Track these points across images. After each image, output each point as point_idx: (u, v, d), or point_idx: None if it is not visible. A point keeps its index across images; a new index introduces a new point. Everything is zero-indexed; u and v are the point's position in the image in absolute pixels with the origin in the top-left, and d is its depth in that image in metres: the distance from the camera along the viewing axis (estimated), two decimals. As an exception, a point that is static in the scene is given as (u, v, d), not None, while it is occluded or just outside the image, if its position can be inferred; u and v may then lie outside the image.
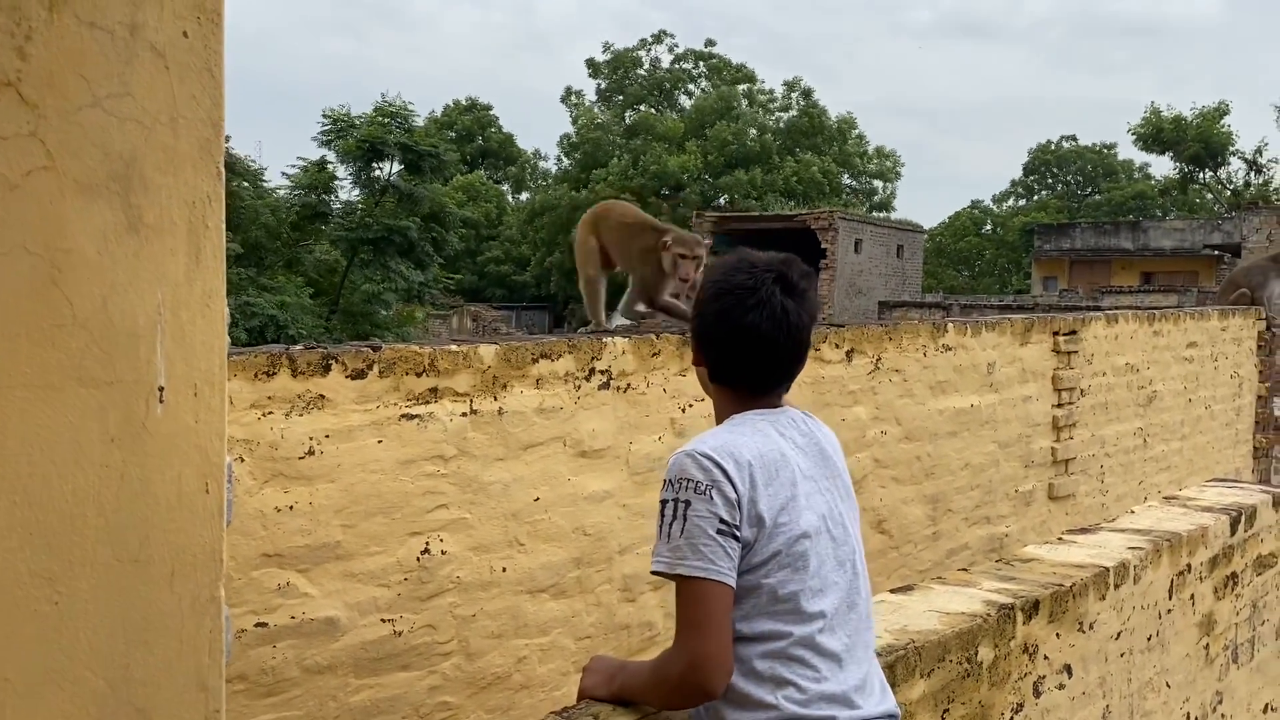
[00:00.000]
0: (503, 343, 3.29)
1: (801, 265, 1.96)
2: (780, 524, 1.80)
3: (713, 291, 1.95)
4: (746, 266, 1.93)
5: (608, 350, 3.54)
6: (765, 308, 1.85)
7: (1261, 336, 8.08)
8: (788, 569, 1.81)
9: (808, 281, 1.94)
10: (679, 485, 1.77)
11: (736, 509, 1.75)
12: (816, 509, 1.86)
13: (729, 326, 1.87)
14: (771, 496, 1.80)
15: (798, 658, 1.78)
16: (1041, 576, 2.78)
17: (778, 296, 1.86)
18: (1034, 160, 53.19)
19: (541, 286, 38.88)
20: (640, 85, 38.45)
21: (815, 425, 2.01)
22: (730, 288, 1.90)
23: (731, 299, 1.88)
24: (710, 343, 1.94)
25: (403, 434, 3.03)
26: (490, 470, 3.24)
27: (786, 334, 1.86)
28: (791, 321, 1.87)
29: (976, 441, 5.17)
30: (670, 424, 3.72)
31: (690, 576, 1.72)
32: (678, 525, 1.75)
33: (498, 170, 47.15)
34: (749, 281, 1.88)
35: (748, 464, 1.77)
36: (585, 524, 3.49)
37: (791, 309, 1.87)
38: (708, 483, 1.75)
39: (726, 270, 1.97)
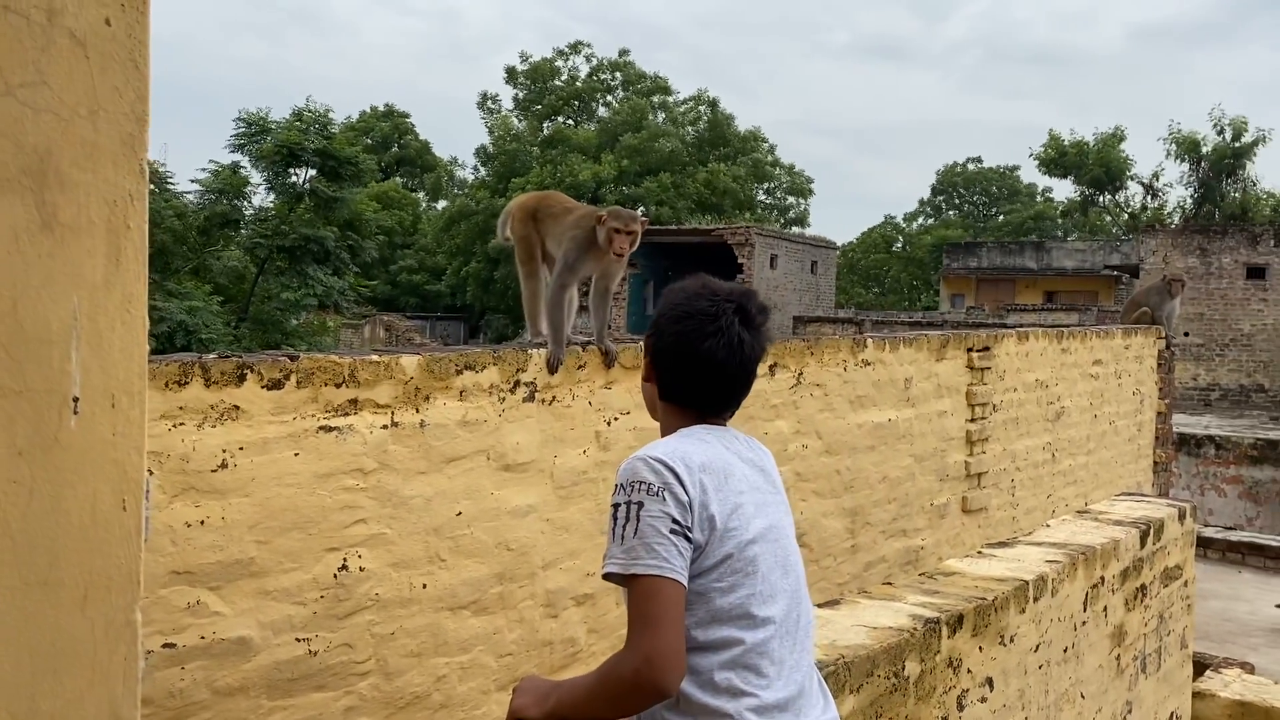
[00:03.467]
0: (426, 353, 3.22)
1: (760, 299, 2.04)
2: (731, 528, 1.83)
3: (673, 314, 2.00)
4: (709, 294, 1.98)
5: (533, 362, 3.49)
6: (723, 336, 1.89)
7: (1161, 355, 8.38)
8: (739, 574, 1.83)
9: (764, 316, 2.02)
10: (631, 488, 1.80)
11: (688, 510, 1.78)
12: (764, 517, 1.89)
13: (686, 350, 1.92)
14: (722, 501, 1.84)
15: (752, 666, 1.81)
16: (963, 590, 2.81)
17: (736, 327, 1.90)
18: (942, 180, 54.59)
19: (457, 296, 38.51)
20: (557, 95, 38.40)
21: (755, 445, 2.05)
22: (691, 312, 1.94)
23: (692, 324, 1.92)
24: (665, 362, 1.98)
25: (321, 447, 2.94)
26: (411, 484, 3.16)
27: (739, 364, 1.91)
28: (746, 353, 1.92)
29: (894, 455, 5.24)
30: (595, 437, 3.69)
31: (644, 575, 1.73)
32: (630, 527, 1.77)
33: (414, 178, 46.61)
34: (710, 309, 1.92)
35: (699, 468, 1.81)
36: (508, 539, 3.43)
37: (747, 341, 1.92)
38: (660, 485, 1.77)
39: (689, 295, 2.02)
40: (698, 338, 1.89)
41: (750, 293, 2.01)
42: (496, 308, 36.06)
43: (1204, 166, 34.78)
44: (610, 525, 1.78)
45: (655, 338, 2.00)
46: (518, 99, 39.43)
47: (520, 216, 3.80)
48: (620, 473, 1.81)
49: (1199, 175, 35.22)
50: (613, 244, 3.45)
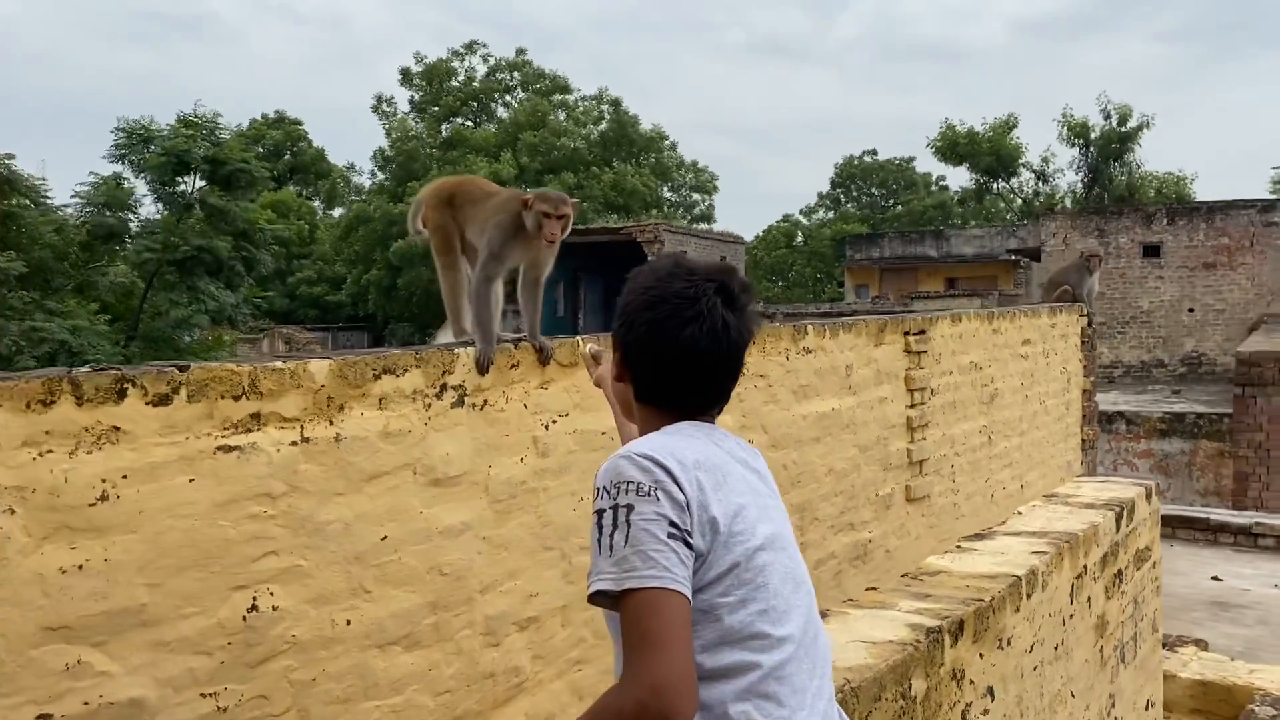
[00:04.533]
0: (338, 358, 2.83)
1: (742, 276, 1.77)
2: (736, 533, 1.57)
3: (644, 300, 1.72)
4: (684, 273, 1.72)
5: (460, 362, 3.12)
6: (705, 321, 1.65)
7: (1084, 332, 8.36)
8: (748, 585, 1.57)
9: (748, 296, 1.75)
10: (617, 490, 1.54)
11: (686, 512, 1.53)
12: (768, 522, 1.63)
13: (662, 341, 1.67)
14: (723, 502, 1.57)
15: (771, 694, 1.55)
16: (955, 591, 2.55)
17: (719, 309, 1.67)
18: (840, 174, 55.35)
19: (358, 306, 37.58)
20: (455, 96, 37.70)
21: (745, 445, 1.78)
22: (666, 296, 1.68)
23: (667, 309, 1.67)
24: (639, 357, 1.72)
25: (220, 470, 2.53)
26: (328, 507, 2.77)
27: (726, 352, 1.68)
28: (733, 339, 1.68)
29: (839, 446, 5.00)
30: (533, 443, 3.34)
31: (642, 588, 1.46)
32: (620, 534, 1.51)
33: (309, 186, 45.32)
34: (688, 290, 1.68)
35: (693, 464, 1.57)
36: (441, 562, 3.05)
37: (733, 325, 1.69)
38: (650, 483, 1.52)
39: (660, 276, 1.73)
40: (675, 325, 1.65)
41: (731, 269, 1.76)
42: (400, 316, 35.26)
43: (1093, 151, 35.83)
44: (595, 536, 1.54)
45: (625, 329, 1.74)
46: (414, 101, 38.62)
47: (434, 204, 3.42)
48: (600, 475, 1.57)
49: (1088, 160, 36.27)
50: (543, 229, 3.13)
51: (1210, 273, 19.17)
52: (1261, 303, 18.81)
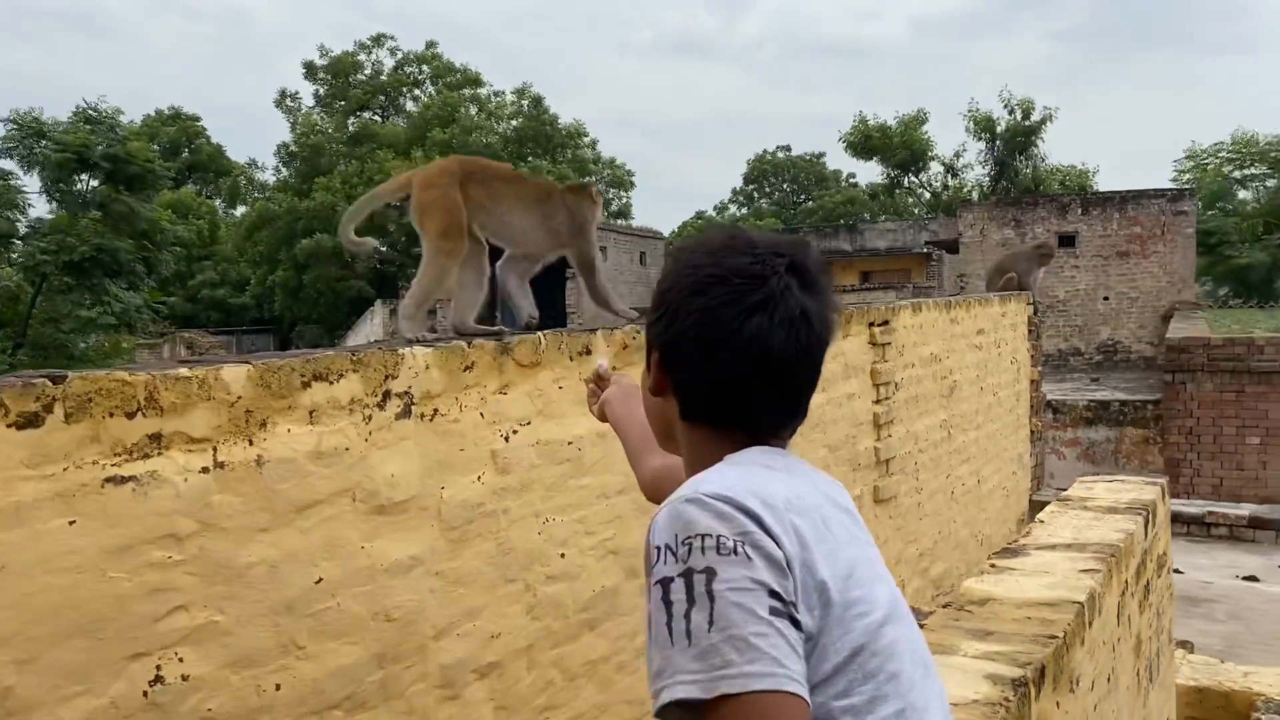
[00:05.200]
0: (258, 362, 2.30)
1: (815, 250, 1.32)
2: (852, 602, 1.13)
3: (694, 280, 1.26)
4: (745, 246, 1.27)
5: (406, 365, 2.62)
6: (777, 308, 1.23)
7: (1031, 320, 8.14)
8: (876, 679, 1.11)
9: (827, 277, 1.32)
10: (688, 548, 1.06)
11: (787, 575, 1.06)
12: (884, 582, 1.21)
13: (721, 334, 1.22)
14: (830, 557, 1.12)
15: None
16: (1019, 626, 2.14)
17: (794, 292, 1.24)
18: (752, 170, 55.46)
19: (264, 308, 36.24)
20: (362, 90, 36.56)
21: (828, 478, 1.33)
22: (725, 275, 1.24)
23: (726, 292, 1.23)
24: (687, 360, 1.26)
25: (110, 508, 2.00)
26: (250, 547, 2.24)
27: (805, 349, 1.24)
28: (815, 331, 1.25)
29: (810, 448, 4.61)
30: (492, 458, 2.84)
31: (746, 693, 0.99)
32: (700, 612, 1.02)
33: (208, 184, 43.60)
34: (753, 267, 1.24)
35: (784, 506, 1.11)
36: (387, 606, 2.55)
37: (813, 312, 1.25)
38: (735, 536, 1.06)
39: (713, 249, 1.29)
40: (738, 314, 1.21)
41: (803, 243, 1.32)
42: (308, 317, 34.07)
43: (999, 145, 36.37)
44: (660, 618, 1.04)
45: (666, 321, 1.28)
46: (319, 95, 37.34)
47: (444, 182, 3.01)
48: (657, 529, 1.10)
49: (995, 154, 36.82)
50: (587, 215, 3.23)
51: (1124, 261, 19.41)
52: (1173, 290, 19.11)
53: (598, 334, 3.24)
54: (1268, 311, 20.98)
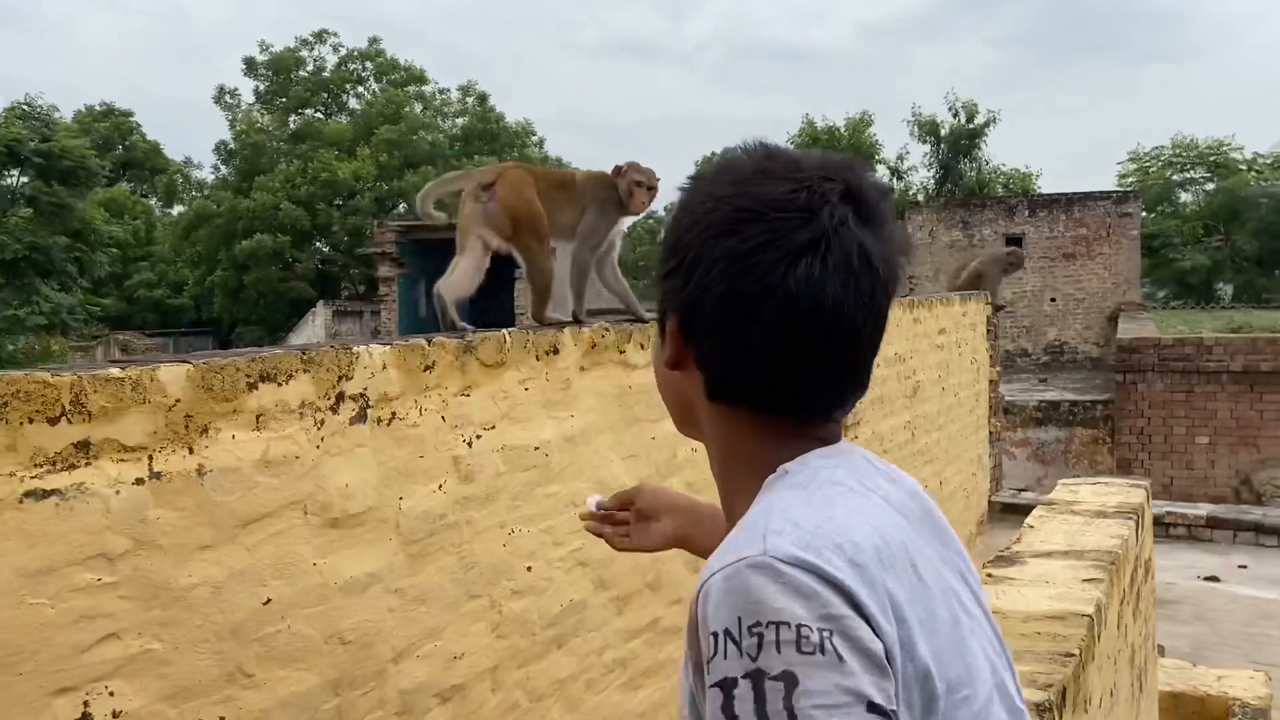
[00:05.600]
0: (199, 361, 2.08)
1: (874, 172, 1.12)
2: (956, 683, 0.90)
3: (719, 217, 0.97)
4: (784, 169, 0.98)
5: (361, 365, 2.41)
6: (832, 250, 0.94)
7: (990, 321, 8.11)
8: None
9: (888, 203, 1.02)
10: (759, 638, 0.80)
11: (887, 674, 0.83)
12: (977, 629, 0.99)
13: (760, 288, 0.94)
14: (926, 623, 0.89)
15: None
16: (1030, 643, 2.00)
17: (852, 228, 0.95)
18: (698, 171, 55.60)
19: (202, 310, 35.47)
20: (304, 87, 35.89)
21: (893, 471, 1.11)
22: (759, 208, 0.95)
23: (764, 232, 0.95)
24: (714, 324, 0.98)
25: (29, 526, 1.77)
26: (190, 567, 2.03)
27: (870, 301, 0.97)
28: (880, 277, 0.97)
29: (780, 451, 4.46)
30: (454, 465, 2.65)
31: None
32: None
33: (143, 182, 42.53)
34: (798, 197, 0.95)
35: (874, 556, 0.87)
36: (342, 627, 2.34)
37: (875, 252, 0.97)
38: (821, 625, 0.81)
39: (742, 176, 1.00)
40: (783, 260, 0.94)
41: (859, 162, 1.04)
42: (249, 319, 33.36)
43: (943, 148, 36.76)
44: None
45: (684, 272, 1.01)
46: (259, 92, 36.58)
47: (532, 192, 3.26)
48: (712, 602, 0.85)
49: (939, 156, 37.21)
50: (634, 198, 3.26)
51: (1070, 263, 19.66)
52: (1119, 292, 19.40)
53: (565, 332, 3.06)
54: (1210, 313, 21.38)
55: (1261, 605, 6.57)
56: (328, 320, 26.41)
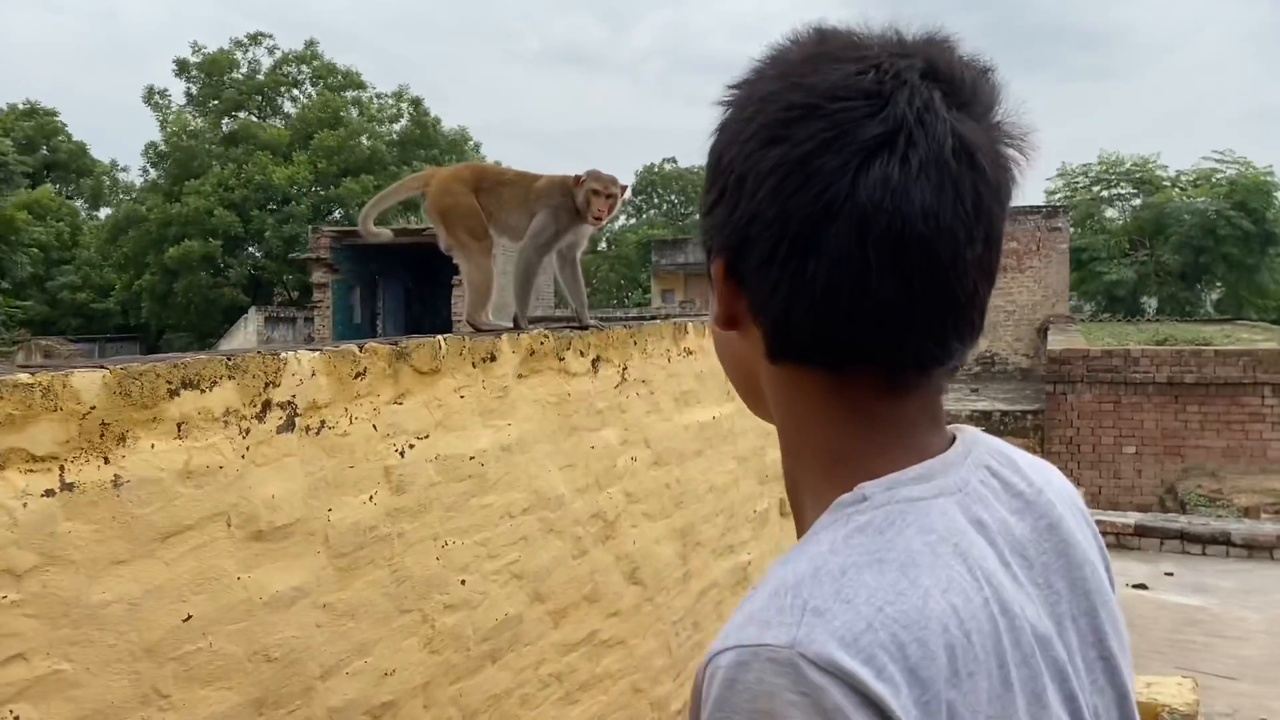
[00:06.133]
0: (117, 367, 1.99)
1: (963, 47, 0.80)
2: None
3: (765, 121, 0.77)
4: (844, 47, 0.78)
5: (289, 371, 2.33)
6: (917, 145, 0.72)
7: (925, 331, 8.20)
8: None
9: (989, 83, 0.79)
10: None
11: None
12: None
13: (823, 204, 0.73)
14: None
15: None
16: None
17: (941, 114, 0.74)
18: (641, 181, 55.69)
19: (129, 315, 34.66)
20: (238, 90, 35.25)
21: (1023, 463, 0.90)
22: (815, 101, 0.74)
23: (823, 130, 0.73)
24: (768, 255, 0.77)
25: (-73, 541, 1.67)
26: (104, 583, 1.93)
27: (975, 211, 0.74)
28: (987, 178, 0.75)
29: (719, 459, 4.44)
30: (385, 475, 2.57)
31: None
32: None
33: (69, 184, 41.41)
34: (864, 80, 0.74)
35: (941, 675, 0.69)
36: (267, 644, 2.25)
37: (980, 145, 0.75)
38: None
39: (791, 66, 0.78)
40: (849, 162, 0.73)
41: (944, 37, 0.80)
42: (177, 325, 32.65)
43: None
44: None
45: (728, 203, 0.80)
46: (191, 94, 35.86)
47: (462, 190, 3.25)
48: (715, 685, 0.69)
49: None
50: (591, 207, 3.20)
51: (1001, 276, 19.81)
52: (1048, 304, 19.81)
53: (503, 338, 3.00)
54: (1136, 325, 21.92)
55: (1187, 612, 6.72)
56: (260, 326, 25.94)
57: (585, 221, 3.27)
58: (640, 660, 3.68)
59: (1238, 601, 7.18)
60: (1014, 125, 0.80)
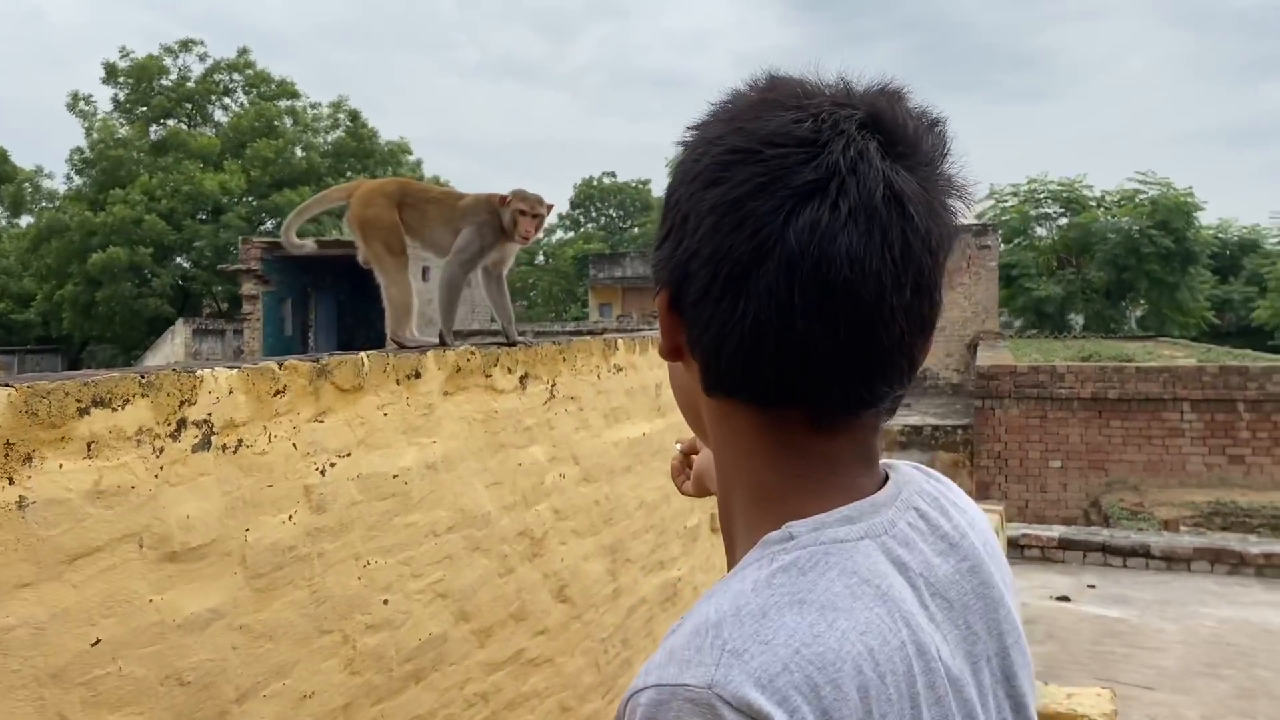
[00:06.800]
0: (23, 384, 1.94)
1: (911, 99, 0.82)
2: None
3: (708, 164, 0.80)
4: (790, 95, 0.80)
5: (205, 389, 2.29)
6: (847, 192, 0.75)
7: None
8: None
9: (935, 135, 0.81)
10: None
11: None
12: None
13: (753, 245, 0.76)
14: None
15: None
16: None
17: (874, 163, 0.76)
18: (579, 195, 55.75)
19: (51, 326, 33.75)
20: (167, 97, 34.58)
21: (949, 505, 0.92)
22: (752, 146, 0.77)
23: (757, 174, 0.76)
24: (702, 291, 0.80)
25: None
26: (8, 606, 1.88)
27: (901, 259, 0.76)
28: (913, 221, 0.76)
29: (650, 475, 4.45)
30: (306, 494, 2.53)
31: None
32: None
33: (-13, 191, 40.27)
34: (801, 128, 0.76)
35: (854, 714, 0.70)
36: (181, 668, 2.20)
37: (912, 195, 0.77)
38: None
39: (738, 112, 0.82)
40: (780, 206, 0.75)
41: (891, 87, 0.83)
42: (101, 336, 31.87)
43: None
44: None
45: (673, 239, 0.83)
46: (118, 100, 35.08)
47: (384, 204, 3.23)
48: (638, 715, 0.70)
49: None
50: (518, 227, 3.22)
51: (933, 292, 20.35)
52: (978, 320, 20.20)
53: (428, 355, 2.98)
54: (1063, 341, 22.44)
55: (1107, 623, 6.88)
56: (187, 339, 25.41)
57: (512, 240, 3.29)
58: (568, 678, 3.67)
59: (1156, 613, 7.37)
60: (957, 176, 0.82)
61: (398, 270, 3.26)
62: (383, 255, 3.22)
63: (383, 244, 3.21)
